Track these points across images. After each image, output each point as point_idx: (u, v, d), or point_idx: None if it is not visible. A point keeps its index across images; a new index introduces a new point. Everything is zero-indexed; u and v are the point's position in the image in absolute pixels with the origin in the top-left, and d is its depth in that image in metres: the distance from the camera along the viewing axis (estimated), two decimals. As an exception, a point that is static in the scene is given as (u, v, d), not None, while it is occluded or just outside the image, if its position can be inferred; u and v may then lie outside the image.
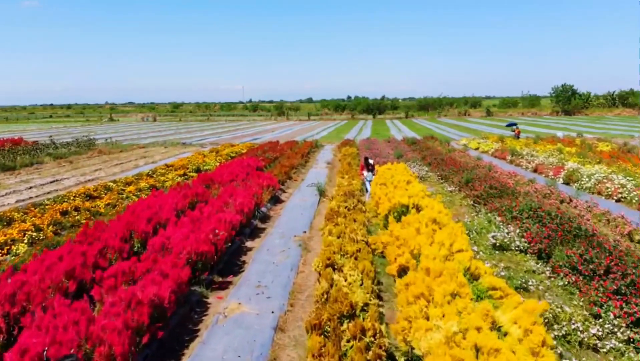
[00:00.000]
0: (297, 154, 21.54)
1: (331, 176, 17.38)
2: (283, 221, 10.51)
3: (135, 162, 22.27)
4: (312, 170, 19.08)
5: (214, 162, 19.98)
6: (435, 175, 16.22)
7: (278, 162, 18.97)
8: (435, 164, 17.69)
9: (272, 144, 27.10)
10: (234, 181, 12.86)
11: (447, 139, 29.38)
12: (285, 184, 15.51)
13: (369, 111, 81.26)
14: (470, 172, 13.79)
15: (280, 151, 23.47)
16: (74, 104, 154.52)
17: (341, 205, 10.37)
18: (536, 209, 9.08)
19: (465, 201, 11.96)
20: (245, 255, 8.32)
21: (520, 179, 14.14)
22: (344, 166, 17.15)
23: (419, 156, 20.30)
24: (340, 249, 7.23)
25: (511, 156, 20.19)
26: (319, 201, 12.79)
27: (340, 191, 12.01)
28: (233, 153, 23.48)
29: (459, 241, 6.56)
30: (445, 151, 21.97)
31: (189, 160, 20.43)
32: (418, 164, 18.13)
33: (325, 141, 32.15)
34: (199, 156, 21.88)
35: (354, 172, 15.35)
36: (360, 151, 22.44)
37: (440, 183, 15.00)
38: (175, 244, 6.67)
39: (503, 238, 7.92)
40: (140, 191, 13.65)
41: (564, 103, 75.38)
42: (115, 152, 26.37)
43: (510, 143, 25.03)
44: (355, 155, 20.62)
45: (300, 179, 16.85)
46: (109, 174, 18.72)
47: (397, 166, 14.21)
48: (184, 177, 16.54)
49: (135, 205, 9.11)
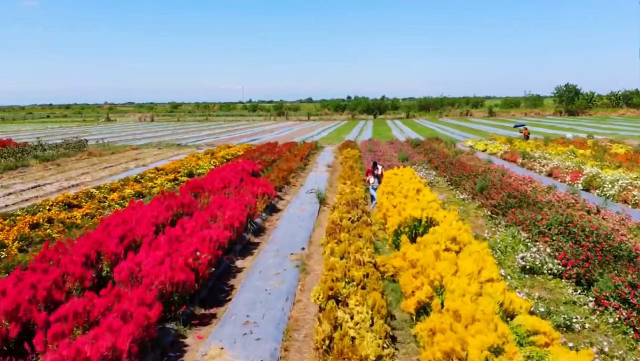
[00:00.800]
0: (296, 157, 20.43)
1: (332, 181, 16.27)
2: (279, 235, 9.40)
3: (125, 165, 21.15)
4: (311, 174, 17.96)
5: (208, 166, 18.85)
6: (444, 180, 15.10)
7: (275, 166, 17.86)
8: (443, 168, 16.57)
9: (270, 146, 25.99)
10: (226, 188, 11.75)
11: (452, 141, 28.26)
12: (282, 190, 14.40)
13: (370, 111, 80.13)
14: (484, 179, 12.68)
15: (279, 153, 22.36)
16: (73, 104, 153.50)
17: (344, 216, 9.26)
18: (567, 224, 7.96)
19: (481, 211, 10.84)
20: (234, 278, 7.21)
21: (538, 186, 13.02)
22: (346, 170, 16.03)
23: (425, 159, 19.18)
24: (344, 275, 6.12)
25: (522, 159, 19.07)
26: (319, 210, 11.68)
27: (343, 199, 10.90)
28: (229, 155, 22.36)
29: (488, 268, 5.45)
30: (452, 154, 20.86)
31: (182, 163, 19.32)
32: (425, 168, 17.01)
33: (325, 142, 31.05)
34: (192, 159, 20.77)
35: (356, 177, 14.24)
36: (362, 154, 21.33)
37: (451, 189, 13.88)
38: (147, 272, 5.55)
39: (533, 259, 6.80)
40: (124, 199, 12.53)
41: (567, 103, 74.20)
42: (106, 155, 25.25)
43: (519, 145, 23.92)
44: (357, 158, 19.51)
45: (299, 185, 15.74)
46: (95, 178, 17.60)
47: (404, 171, 13.10)
48: (174, 182, 15.42)
49: (111, 218, 7.99)
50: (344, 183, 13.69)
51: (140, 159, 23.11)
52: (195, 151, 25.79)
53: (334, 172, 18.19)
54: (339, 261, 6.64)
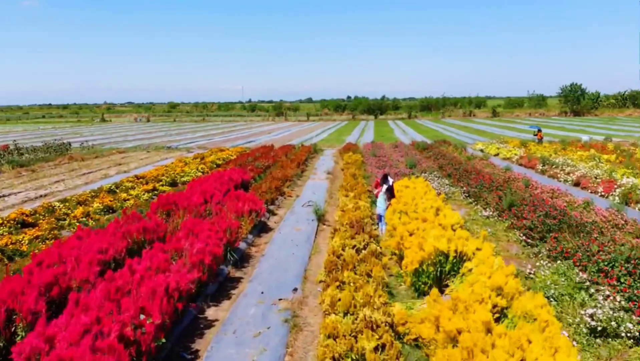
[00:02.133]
0: (293, 162, 18.62)
1: (332, 191, 14.45)
2: (266, 267, 7.58)
3: (106, 171, 19.33)
4: (309, 182, 16.14)
5: (195, 173, 17.04)
6: (460, 191, 13.28)
7: (269, 174, 16.03)
8: (456, 176, 14.76)
9: (265, 149, 24.18)
10: (208, 203, 9.94)
11: (460, 144, 26.44)
12: (276, 202, 12.60)
13: (370, 111, 78.28)
14: (511, 193, 10.86)
15: (274, 157, 20.54)
16: (73, 104, 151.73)
17: (347, 243, 7.46)
18: (637, 261, 6.14)
19: (512, 234, 9.03)
20: (202, 337, 5.39)
21: (572, 200, 11.20)
22: (348, 178, 14.23)
23: (435, 165, 17.36)
24: (350, 348, 4.31)
25: (542, 165, 17.25)
26: (317, 230, 9.86)
27: (345, 218, 9.10)
28: (219, 160, 20.54)
29: (563, 351, 3.64)
30: (463, 159, 19.05)
31: (167, 169, 17.51)
32: (436, 176, 15.20)
33: (325, 145, 29.22)
34: (179, 164, 18.97)
35: (360, 188, 12.43)
36: (365, 159, 19.51)
37: (470, 202, 12.06)
38: (60, 354, 3.73)
39: (607, 318, 4.98)
40: (88, 216, 10.70)
41: (572, 103, 72.32)
42: (89, 159, 23.43)
43: (534, 149, 22.11)
44: (360, 164, 17.68)
45: (294, 195, 13.92)
46: (69, 187, 15.78)
47: (416, 182, 11.29)
48: (152, 193, 13.59)
49: (44, 254, 6.17)
50: (345, 195, 11.88)
51: (124, 164, 21.28)
52: (184, 155, 23.97)
53: (335, 180, 16.38)
54: (342, 322, 4.83)
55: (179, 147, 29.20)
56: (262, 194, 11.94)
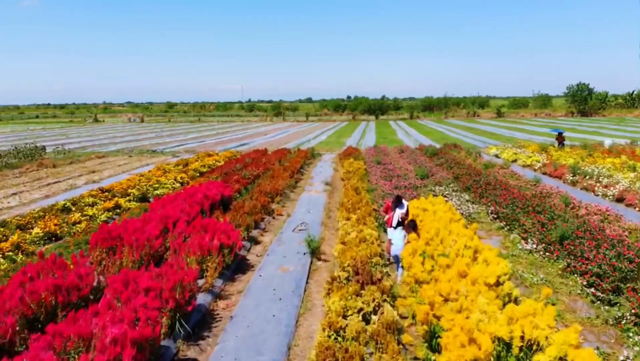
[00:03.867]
0: (286, 171, 16.35)
1: (331, 208, 12.18)
2: (232, 345, 5.27)
3: (74, 180, 17.05)
4: (304, 195, 13.86)
5: (172, 184, 14.75)
6: (485, 211, 10.98)
7: (257, 186, 13.74)
8: (476, 189, 12.49)
9: (257, 154, 21.90)
10: (169, 233, 7.67)
11: (472, 148, 24.15)
12: (261, 225, 10.34)
13: (371, 111, 75.98)
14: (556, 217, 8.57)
15: (265, 165, 18.27)
16: (71, 104, 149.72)
17: (350, 307, 5.21)
18: None
19: (571, 281, 6.74)
20: None
21: (632, 226, 8.92)
22: (349, 193, 11.97)
23: (450, 175, 15.06)
24: None
25: (573, 175, 14.97)
26: (310, 270, 7.59)
27: (347, 257, 6.84)
28: (204, 168, 18.27)
29: None
30: (480, 167, 16.79)
31: (141, 179, 15.23)
32: (453, 190, 12.93)
33: (323, 149, 26.93)
34: (157, 173, 16.70)
35: (364, 208, 10.17)
36: (368, 167, 17.22)
37: (499, 227, 9.74)
38: None
39: None
40: (19, 249, 8.39)
41: (579, 103, 70.02)
42: (62, 165, 21.15)
43: (556, 155, 19.83)
44: (363, 174, 15.39)
45: (285, 214, 11.65)
46: (23, 202, 13.51)
47: (435, 203, 9.00)
48: (113, 212, 11.30)
49: None
50: (347, 218, 9.60)
51: (97, 172, 19.00)
52: (168, 161, 21.67)
53: (334, 193, 14.11)
54: None
55: (164, 151, 26.90)
56: (243, 216, 9.66)
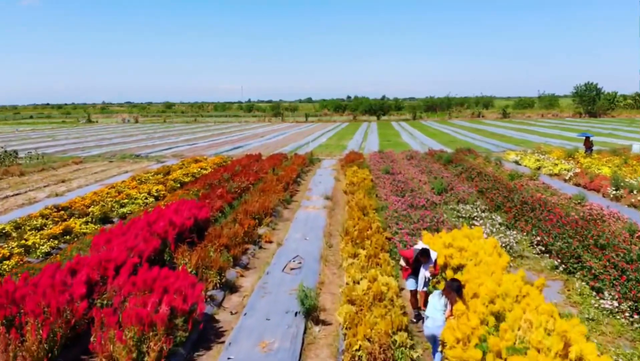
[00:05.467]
0: (280, 182, 14.12)
1: (332, 232, 9.94)
2: None
3: (37, 192, 14.81)
4: (300, 213, 11.61)
5: (143, 198, 12.51)
6: (527, 239, 8.71)
7: (243, 204, 11.47)
8: (509, 208, 10.24)
9: (250, 160, 19.68)
10: (100, 291, 5.43)
11: (487, 152, 21.93)
12: (243, 259, 8.11)
13: (372, 111, 73.78)
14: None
15: (257, 173, 16.04)
16: (70, 104, 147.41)
17: None
18: None
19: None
20: None
21: None
22: (354, 214, 9.74)
23: (473, 189, 12.77)
24: None
25: (615, 189, 12.74)
26: (303, 348, 5.33)
27: (358, 334, 4.64)
28: (187, 177, 16.01)
29: None
30: (503, 176, 14.54)
31: (110, 192, 13.00)
32: (480, 208, 10.69)
33: (323, 153, 24.68)
34: (131, 183, 14.46)
35: (375, 237, 7.95)
36: (374, 176, 14.94)
37: (553, 265, 7.46)
38: None
39: None
40: None
41: (587, 104, 67.74)
42: (32, 172, 18.91)
43: (586, 162, 17.60)
44: (370, 187, 13.12)
45: (275, 242, 9.39)
46: (-36, 220, 11.29)
47: (473, 235, 6.74)
48: (60, 240, 9.05)
49: None
50: (353, 255, 7.35)
51: (68, 182, 16.76)
52: (148, 168, 19.41)
53: (335, 210, 11.88)
54: None
55: (149, 155, 24.61)
56: (218, 252, 7.42)
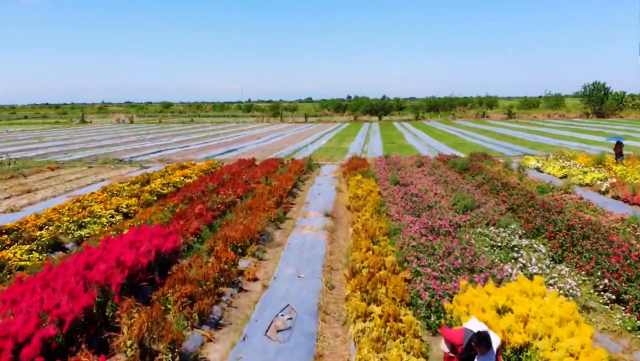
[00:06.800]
0: (273, 195, 12.15)
1: (333, 264, 7.95)
2: None
3: (-8, 206, 12.86)
4: (294, 237, 9.60)
5: (108, 217, 10.53)
6: (585, 279, 6.72)
7: (224, 226, 9.46)
8: (552, 234, 8.26)
9: (241, 166, 17.72)
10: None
11: (501, 156, 19.93)
12: (215, 309, 6.14)
13: (373, 112, 71.84)
14: None
15: (247, 184, 14.06)
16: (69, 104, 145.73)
17: None
18: None
19: None
20: None
21: None
22: (361, 243, 7.78)
23: (501, 206, 10.72)
24: None
25: (668, 204, 10.77)
26: None
27: None
28: (167, 187, 14.03)
29: None
30: (532, 188, 12.56)
31: (73, 207, 11.06)
32: (516, 233, 8.68)
33: (323, 157, 22.69)
34: (101, 196, 12.50)
35: (392, 281, 5.99)
36: (382, 187, 12.89)
37: (635, 325, 5.52)
38: None
39: None
40: None
41: (595, 104, 65.74)
42: (-3, 180, 16.96)
43: (619, 170, 15.60)
44: (378, 201, 11.10)
45: (261, 280, 7.39)
46: None
47: (534, 291, 4.77)
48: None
49: None
50: (363, 316, 5.39)
51: (34, 192, 14.80)
52: (127, 175, 17.42)
53: (337, 231, 9.90)
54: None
55: (133, 160, 22.59)
56: (180, 303, 5.43)
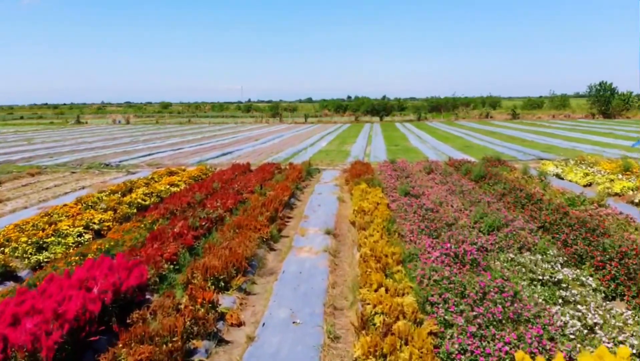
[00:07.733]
0: (267, 208, 10.70)
1: (335, 302, 6.49)
2: None
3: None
4: (290, 262, 8.14)
5: (75, 236, 9.07)
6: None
7: (206, 251, 8.01)
8: (600, 264, 6.83)
9: (234, 172, 16.27)
10: None
11: (515, 160, 18.48)
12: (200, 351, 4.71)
13: (374, 112, 70.51)
14: None
15: (239, 194, 12.62)
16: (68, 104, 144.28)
17: None
18: None
19: None
20: None
21: None
22: (371, 278, 6.35)
23: (532, 223, 9.24)
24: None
25: None
26: None
27: None
28: (150, 198, 12.57)
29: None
30: (561, 200, 11.11)
31: (40, 222, 9.62)
32: (557, 260, 7.23)
33: (323, 161, 21.24)
34: (73, 209, 11.03)
35: (415, 340, 4.54)
36: (390, 199, 11.44)
37: None
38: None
39: None
40: None
41: (601, 104, 64.32)
42: (-32, 187, 15.51)
43: (650, 176, 14.16)
44: (388, 217, 9.62)
45: (246, 327, 5.93)
46: None
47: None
48: None
49: None
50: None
51: (4, 202, 13.33)
52: (112, 181, 15.98)
53: (339, 257, 8.44)
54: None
55: (121, 164, 21.14)
56: None
